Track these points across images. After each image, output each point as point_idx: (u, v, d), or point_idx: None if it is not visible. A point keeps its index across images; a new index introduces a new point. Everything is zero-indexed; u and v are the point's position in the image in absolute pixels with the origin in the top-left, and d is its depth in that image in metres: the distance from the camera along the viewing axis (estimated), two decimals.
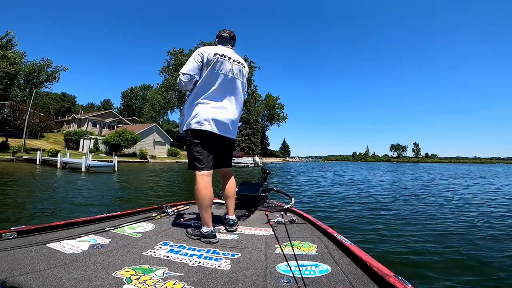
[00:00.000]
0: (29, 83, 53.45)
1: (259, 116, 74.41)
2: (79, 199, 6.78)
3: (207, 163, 1.81)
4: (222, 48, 1.96)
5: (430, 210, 6.33)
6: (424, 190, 10.93)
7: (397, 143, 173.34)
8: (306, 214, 2.36)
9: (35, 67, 52.22)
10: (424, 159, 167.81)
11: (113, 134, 32.82)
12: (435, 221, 5.20)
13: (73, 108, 69.97)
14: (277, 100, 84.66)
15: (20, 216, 4.76)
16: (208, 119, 1.79)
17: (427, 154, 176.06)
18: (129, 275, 1.13)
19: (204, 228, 1.73)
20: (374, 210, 6.19)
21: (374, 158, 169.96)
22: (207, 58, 1.83)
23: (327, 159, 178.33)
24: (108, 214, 2.09)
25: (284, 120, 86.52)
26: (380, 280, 1.08)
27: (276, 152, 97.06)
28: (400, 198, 8.44)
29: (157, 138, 42.28)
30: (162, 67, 54.03)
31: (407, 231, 4.40)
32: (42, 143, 36.12)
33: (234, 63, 1.92)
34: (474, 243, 3.86)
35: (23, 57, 50.28)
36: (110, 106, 75.31)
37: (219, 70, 1.85)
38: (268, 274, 1.21)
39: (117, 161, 16.04)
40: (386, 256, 3.23)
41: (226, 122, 1.87)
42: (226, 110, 1.87)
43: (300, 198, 7.82)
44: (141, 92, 76.46)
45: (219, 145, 1.93)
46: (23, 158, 20.96)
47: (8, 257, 1.22)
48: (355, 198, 8.20)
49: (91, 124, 47.81)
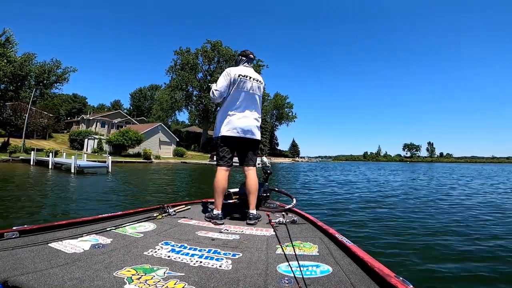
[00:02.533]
0: (40, 84, 54.29)
1: (267, 116, 73.29)
2: (47, 205, 5.92)
3: (227, 161, 2.31)
4: (244, 69, 2.41)
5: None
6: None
7: (410, 142, 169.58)
8: (307, 214, 2.36)
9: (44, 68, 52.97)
10: (439, 158, 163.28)
11: (117, 134, 32.22)
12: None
13: (84, 109, 70.76)
14: (286, 99, 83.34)
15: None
16: (236, 127, 2.29)
17: (441, 154, 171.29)
18: (130, 275, 1.14)
19: (214, 211, 2.22)
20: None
21: (386, 158, 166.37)
22: (233, 78, 2.31)
23: (337, 159, 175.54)
24: (109, 214, 2.11)
25: (293, 119, 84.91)
26: (381, 281, 1.08)
27: (285, 152, 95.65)
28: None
29: (162, 138, 41.61)
30: (169, 66, 53.42)
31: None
32: (50, 144, 36.22)
33: (254, 81, 2.38)
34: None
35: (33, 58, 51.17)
36: (120, 107, 75.85)
37: (242, 88, 2.33)
38: (269, 274, 1.21)
39: (111, 161, 15.23)
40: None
41: (249, 127, 2.34)
42: (248, 118, 2.34)
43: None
44: (150, 92, 76.66)
45: (244, 146, 2.37)
46: (19, 158, 20.59)
47: (10, 256, 1.23)
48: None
49: (100, 124, 47.92)
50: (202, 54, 51.53)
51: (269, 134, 71.25)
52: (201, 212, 2.54)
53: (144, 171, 18.51)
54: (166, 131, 42.61)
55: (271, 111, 78.47)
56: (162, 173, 16.70)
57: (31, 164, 18.53)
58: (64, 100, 68.29)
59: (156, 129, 40.60)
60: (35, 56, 51.52)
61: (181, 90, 52.73)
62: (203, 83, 50.75)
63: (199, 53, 52.00)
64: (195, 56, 52.04)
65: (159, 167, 24.41)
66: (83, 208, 5.73)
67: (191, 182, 12.85)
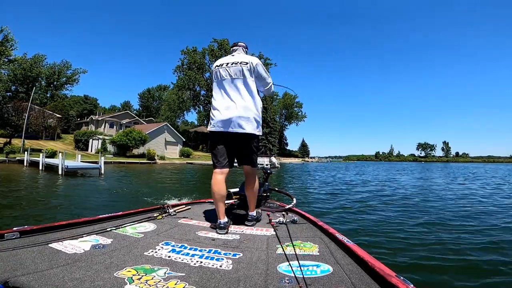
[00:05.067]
0: (50, 85, 55.04)
1: (276, 115, 72.18)
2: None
3: (219, 162, 2.05)
4: (224, 58, 2.21)
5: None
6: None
7: (424, 141, 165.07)
8: (307, 214, 2.33)
9: (54, 69, 53.66)
10: (455, 158, 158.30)
11: (120, 134, 31.60)
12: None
13: (95, 110, 71.59)
14: (295, 98, 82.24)
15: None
16: (217, 122, 2.04)
17: (457, 153, 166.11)
18: (130, 275, 1.14)
19: (218, 220, 1.97)
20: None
21: (399, 158, 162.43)
22: (213, 71, 2.19)
23: (348, 159, 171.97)
24: (110, 214, 2.09)
25: (303, 119, 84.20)
26: (382, 281, 1.08)
27: (295, 152, 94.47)
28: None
29: (168, 138, 40.98)
30: (176, 66, 53.25)
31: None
32: (57, 144, 36.30)
33: (232, 66, 2.09)
34: None
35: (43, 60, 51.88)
36: (129, 107, 76.36)
37: (218, 78, 2.12)
38: (269, 274, 1.21)
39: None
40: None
41: (232, 119, 2.00)
42: (230, 110, 2.02)
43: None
44: (158, 93, 76.83)
45: (233, 142, 2.08)
46: (16, 159, 20.21)
47: (11, 257, 1.23)
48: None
49: (108, 125, 47.94)
50: (209, 53, 51.09)
51: (278, 134, 70.13)
52: (202, 212, 2.50)
53: (144, 172, 17.70)
54: (172, 131, 41.97)
55: (280, 111, 77.51)
56: (163, 175, 15.85)
57: (24, 165, 18.12)
58: (76, 102, 69.42)
59: (162, 129, 39.96)
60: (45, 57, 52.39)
61: (189, 90, 52.34)
62: (210, 82, 50.31)
63: (206, 52, 51.56)
64: (202, 56, 51.66)
65: (163, 168, 23.64)
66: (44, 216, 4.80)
67: (191, 183, 11.87)
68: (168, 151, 39.84)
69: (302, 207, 4.11)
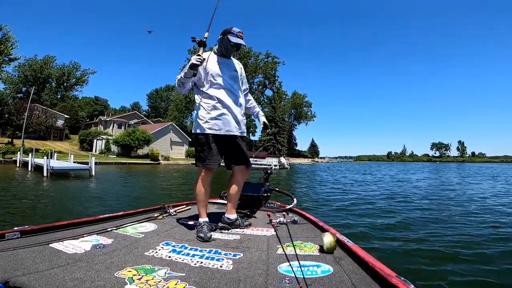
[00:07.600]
0: (60, 87, 55.77)
1: (285, 115, 70.86)
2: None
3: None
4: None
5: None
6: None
7: (439, 141, 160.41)
8: (308, 214, 2.32)
9: (63, 70, 54.28)
10: (471, 158, 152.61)
11: (123, 134, 31.06)
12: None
13: (105, 111, 72.35)
14: (304, 98, 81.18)
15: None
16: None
17: (473, 153, 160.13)
18: (131, 275, 1.14)
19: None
20: None
21: (412, 158, 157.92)
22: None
23: (359, 159, 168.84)
24: (110, 214, 2.08)
25: (313, 118, 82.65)
26: (382, 281, 1.08)
27: (304, 153, 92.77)
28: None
29: (174, 138, 40.30)
30: (183, 66, 52.83)
31: None
32: (63, 145, 36.37)
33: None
34: None
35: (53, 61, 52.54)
36: (138, 108, 76.76)
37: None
38: (270, 275, 1.21)
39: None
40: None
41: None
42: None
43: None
44: (166, 93, 76.87)
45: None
46: (12, 160, 19.82)
47: (11, 257, 1.23)
48: None
49: (117, 125, 47.95)
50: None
51: (287, 133, 68.84)
52: None
53: (144, 174, 16.93)
54: (177, 131, 41.32)
55: (289, 110, 76.19)
56: (165, 178, 14.99)
57: (17, 166, 17.72)
58: (87, 103, 70.42)
59: (167, 129, 39.33)
60: (55, 58, 53.07)
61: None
62: None
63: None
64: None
65: (166, 169, 22.89)
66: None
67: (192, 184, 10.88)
68: (174, 152, 39.22)
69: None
